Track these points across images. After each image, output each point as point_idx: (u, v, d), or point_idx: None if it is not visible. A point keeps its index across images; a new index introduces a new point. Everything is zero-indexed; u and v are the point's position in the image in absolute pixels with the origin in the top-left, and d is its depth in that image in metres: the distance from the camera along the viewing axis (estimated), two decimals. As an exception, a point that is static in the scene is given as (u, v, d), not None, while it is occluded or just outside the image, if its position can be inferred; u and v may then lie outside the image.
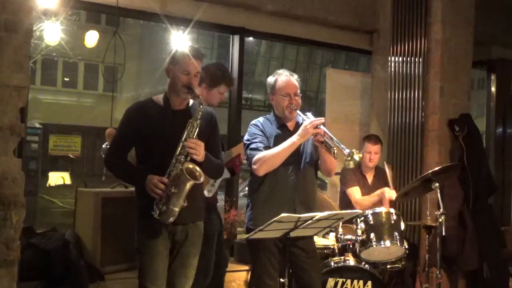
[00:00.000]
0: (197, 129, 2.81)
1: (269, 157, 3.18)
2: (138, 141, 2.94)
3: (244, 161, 3.78)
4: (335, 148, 3.12)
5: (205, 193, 3.62)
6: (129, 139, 2.96)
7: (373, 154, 4.57)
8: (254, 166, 3.22)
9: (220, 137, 3.20)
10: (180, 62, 2.90)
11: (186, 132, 2.80)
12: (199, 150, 2.79)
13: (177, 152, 2.77)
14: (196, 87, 2.92)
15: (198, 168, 2.79)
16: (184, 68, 2.88)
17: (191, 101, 2.99)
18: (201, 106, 2.82)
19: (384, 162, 4.76)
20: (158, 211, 2.76)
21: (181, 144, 2.78)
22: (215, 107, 3.71)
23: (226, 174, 3.83)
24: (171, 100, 2.96)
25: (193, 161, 2.81)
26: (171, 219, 2.77)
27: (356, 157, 3.06)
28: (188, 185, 2.74)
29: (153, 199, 2.78)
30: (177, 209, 2.75)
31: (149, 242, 2.87)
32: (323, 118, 3.22)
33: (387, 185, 4.62)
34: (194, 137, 2.80)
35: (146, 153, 2.93)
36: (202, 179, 2.79)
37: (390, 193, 4.37)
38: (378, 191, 4.43)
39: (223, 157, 3.30)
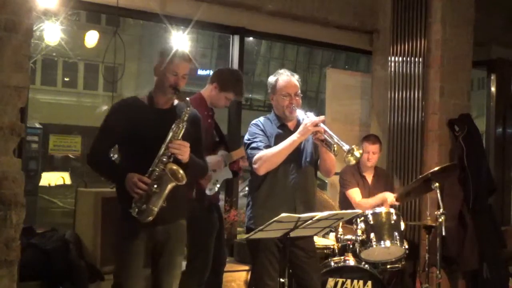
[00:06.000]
0: (183, 131, 2.81)
1: (269, 156, 3.18)
2: (120, 138, 2.94)
3: (245, 164, 3.80)
4: (335, 146, 3.12)
5: (207, 191, 3.64)
6: (112, 136, 2.95)
7: (371, 153, 4.56)
8: (254, 166, 3.22)
9: (203, 137, 3.18)
10: (169, 63, 2.91)
11: (171, 133, 2.79)
12: (184, 151, 2.79)
13: (161, 152, 2.77)
14: (182, 87, 2.92)
15: (181, 171, 2.78)
16: (173, 69, 2.89)
17: (175, 101, 2.99)
18: (188, 108, 2.82)
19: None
20: (136, 209, 2.76)
21: (165, 144, 2.77)
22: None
23: (229, 175, 3.85)
24: (156, 98, 2.96)
25: (177, 162, 2.80)
26: (149, 218, 2.76)
27: (357, 153, 3.05)
28: (170, 186, 2.74)
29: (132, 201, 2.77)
30: (156, 209, 2.75)
31: (127, 243, 2.86)
32: (323, 116, 3.22)
33: (387, 187, 4.63)
34: (179, 138, 2.80)
35: (129, 151, 2.94)
36: (184, 182, 2.78)
37: (392, 197, 4.37)
38: (380, 195, 4.43)
39: (225, 158, 3.29)
